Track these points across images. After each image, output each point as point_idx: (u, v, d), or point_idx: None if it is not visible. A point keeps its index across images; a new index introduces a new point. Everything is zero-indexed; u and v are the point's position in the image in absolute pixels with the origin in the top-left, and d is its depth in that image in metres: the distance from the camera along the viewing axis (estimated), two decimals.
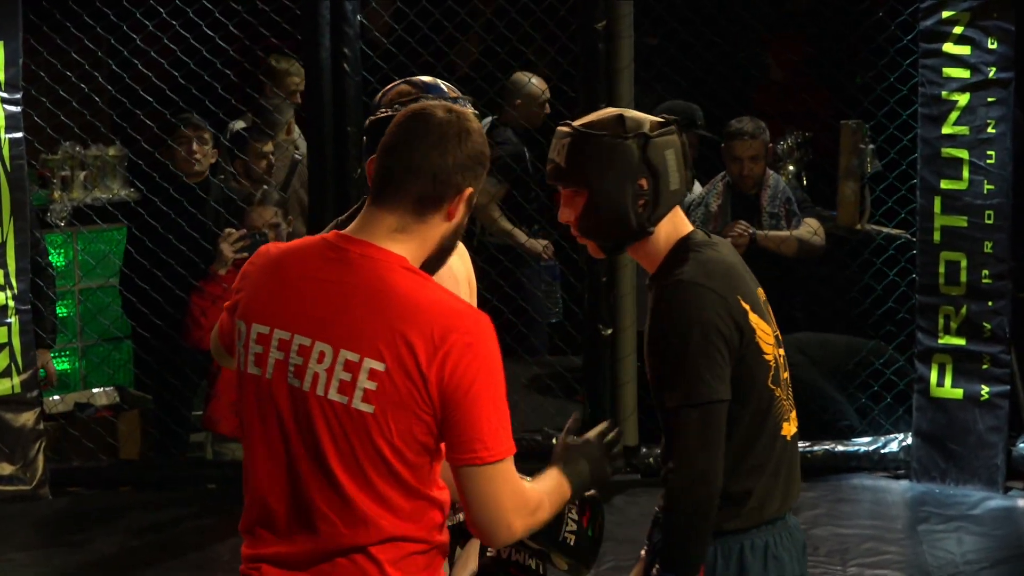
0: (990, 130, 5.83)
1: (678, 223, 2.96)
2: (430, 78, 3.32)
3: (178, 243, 6.25)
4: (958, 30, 5.83)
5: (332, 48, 6.08)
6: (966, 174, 5.88)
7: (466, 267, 3.35)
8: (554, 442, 2.82)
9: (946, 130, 5.88)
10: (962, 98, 5.85)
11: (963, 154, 5.87)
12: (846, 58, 7.57)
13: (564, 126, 2.94)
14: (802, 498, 3.07)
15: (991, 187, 5.85)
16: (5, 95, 5.93)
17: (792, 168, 6.96)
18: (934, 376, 5.99)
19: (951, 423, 5.97)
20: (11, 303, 5.98)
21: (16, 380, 6.02)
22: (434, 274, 2.65)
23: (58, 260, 7.00)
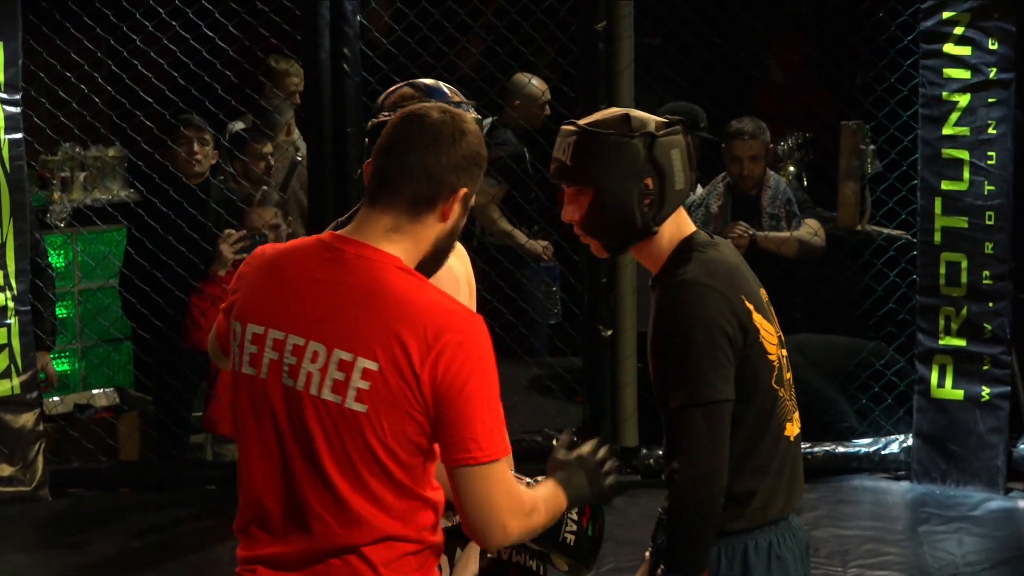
0: (991, 131, 5.83)
1: (682, 223, 2.96)
2: (433, 81, 3.31)
3: (178, 244, 6.24)
4: (959, 31, 5.83)
5: (332, 49, 6.07)
6: (967, 175, 5.87)
7: (466, 268, 3.35)
8: (554, 443, 2.82)
9: (947, 131, 5.88)
10: (963, 99, 5.85)
11: (964, 155, 5.87)
12: (846, 59, 7.57)
13: (569, 124, 2.93)
14: (802, 499, 3.06)
15: (992, 188, 5.84)
16: (4, 96, 5.92)
17: (792, 169, 6.95)
18: (935, 377, 5.99)
19: (952, 424, 5.97)
20: (11, 304, 5.98)
21: (16, 381, 6.01)
22: (432, 275, 2.65)
23: (58, 261, 6.99)
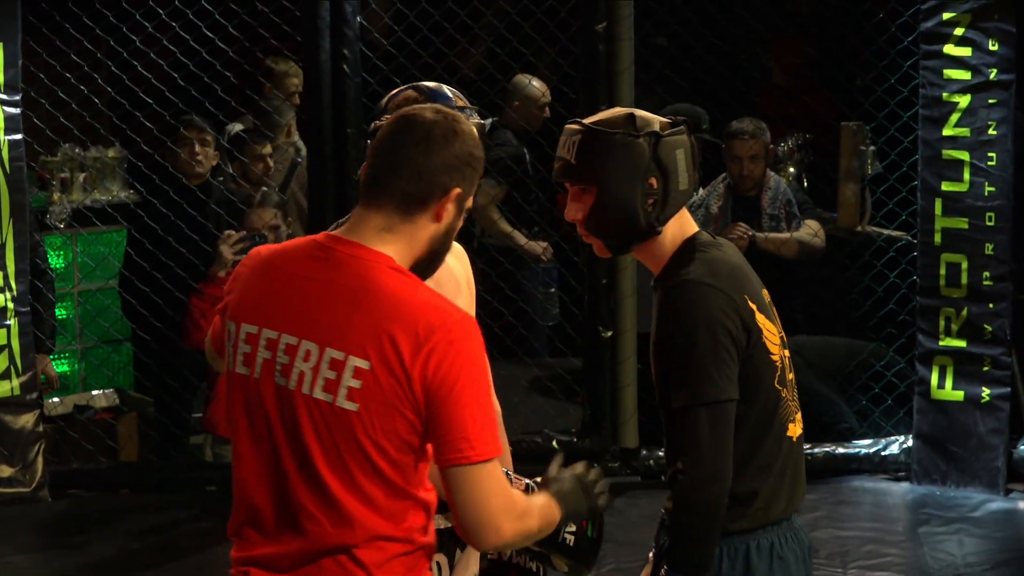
0: (991, 132, 5.82)
1: (684, 224, 2.96)
2: (436, 84, 3.30)
3: (178, 245, 6.24)
4: (959, 32, 5.83)
5: (332, 50, 6.07)
6: (967, 176, 5.87)
7: (465, 270, 3.35)
8: (554, 444, 2.81)
9: (947, 132, 5.88)
10: (963, 100, 5.84)
11: (964, 156, 5.86)
12: (847, 60, 7.57)
13: (574, 123, 2.92)
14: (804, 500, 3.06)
15: (992, 189, 5.84)
16: (4, 97, 5.92)
17: (793, 170, 6.95)
18: (935, 378, 5.98)
19: (952, 425, 5.97)
20: (10, 305, 5.97)
21: (15, 382, 6.01)
22: (429, 277, 2.64)
23: (57, 262, 6.99)
